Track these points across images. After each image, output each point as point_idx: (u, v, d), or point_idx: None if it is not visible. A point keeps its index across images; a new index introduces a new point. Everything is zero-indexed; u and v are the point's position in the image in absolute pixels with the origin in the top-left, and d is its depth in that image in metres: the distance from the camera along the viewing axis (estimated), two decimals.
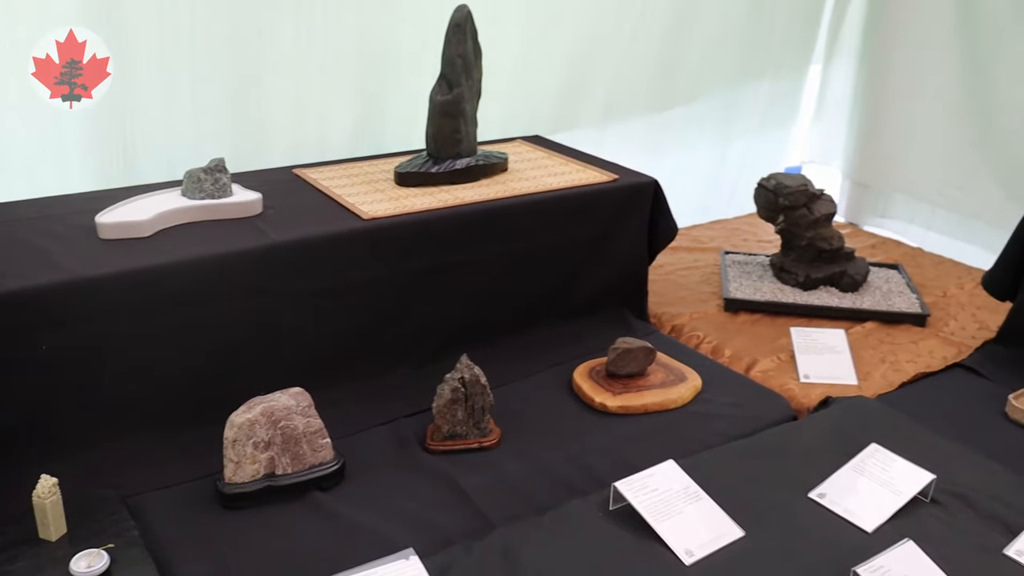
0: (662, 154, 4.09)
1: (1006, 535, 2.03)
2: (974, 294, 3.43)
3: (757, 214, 3.42)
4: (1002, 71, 3.85)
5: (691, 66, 4.00)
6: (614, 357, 2.59)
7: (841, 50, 4.56)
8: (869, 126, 4.41)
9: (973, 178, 4.03)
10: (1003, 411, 2.67)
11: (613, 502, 2.03)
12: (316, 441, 2.17)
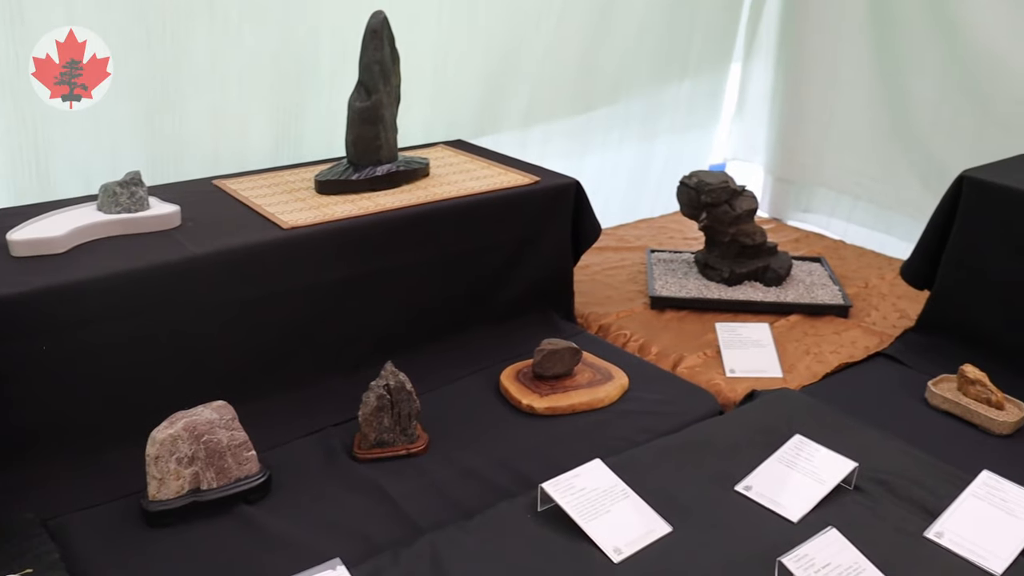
0: (586, 155, 4.11)
1: (926, 518, 2.06)
2: (895, 284, 3.49)
3: (681, 212, 3.44)
4: (914, 64, 3.93)
5: (612, 66, 4.02)
6: (540, 359, 2.59)
7: (759, 48, 4.62)
8: (789, 122, 4.48)
9: (891, 170, 4.11)
10: (923, 397, 2.72)
11: (541, 503, 2.03)
12: (241, 454, 2.14)
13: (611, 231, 4.03)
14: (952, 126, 3.84)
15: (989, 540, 1.99)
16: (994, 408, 2.62)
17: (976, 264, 2.95)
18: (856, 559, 1.85)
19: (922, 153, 3.96)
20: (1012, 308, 2.88)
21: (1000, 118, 3.67)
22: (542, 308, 3.06)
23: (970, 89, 3.75)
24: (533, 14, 3.61)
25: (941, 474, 2.23)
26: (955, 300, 3.02)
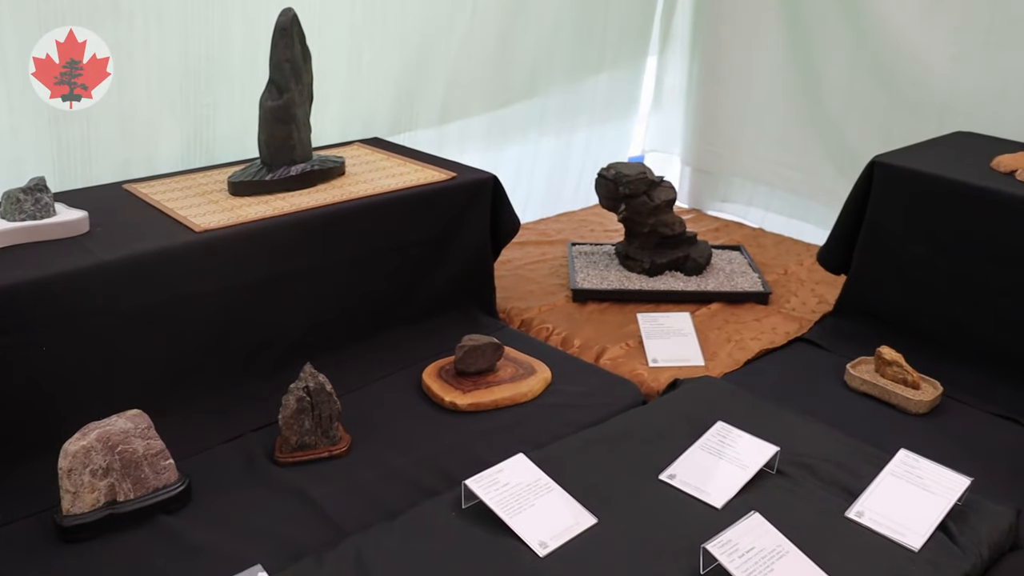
0: (505, 150, 4.10)
1: (847, 498, 2.09)
2: (813, 270, 3.54)
3: (600, 204, 3.45)
4: (825, 53, 3.98)
5: (528, 60, 4.01)
6: (462, 355, 2.58)
7: (674, 41, 4.64)
8: (705, 113, 4.51)
9: (806, 158, 4.16)
10: (842, 380, 2.76)
11: (465, 500, 2.01)
12: (158, 463, 2.09)
13: (532, 225, 4.03)
14: (863, 113, 3.90)
15: (907, 517, 2.02)
16: (910, 388, 2.67)
17: (889, 247, 3.00)
18: (779, 542, 1.86)
19: (835, 140, 4.02)
20: (925, 289, 2.93)
21: (909, 103, 3.74)
22: (463, 304, 3.04)
23: (880, 76, 3.81)
24: (446, 10, 3.58)
25: (860, 455, 2.27)
26: (870, 283, 3.07)
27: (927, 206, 2.91)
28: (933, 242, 2.90)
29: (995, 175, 2.92)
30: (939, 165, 2.97)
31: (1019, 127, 3.36)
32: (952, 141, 3.35)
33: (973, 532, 2.02)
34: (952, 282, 2.88)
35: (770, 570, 1.79)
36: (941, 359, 2.83)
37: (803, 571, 1.82)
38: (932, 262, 2.91)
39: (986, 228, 2.80)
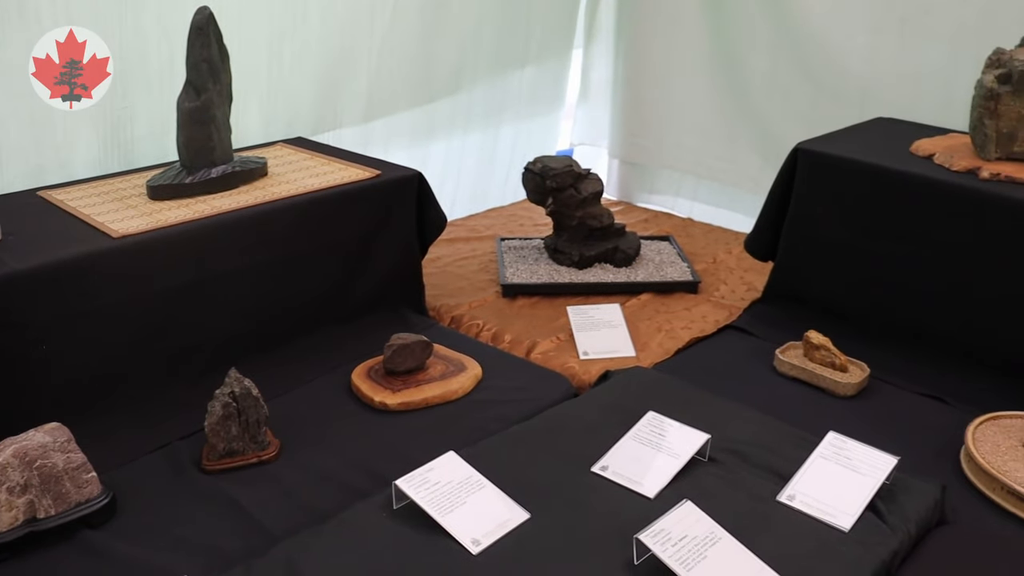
0: (431, 146, 4.07)
1: (778, 482, 2.11)
2: (742, 258, 3.56)
3: (528, 199, 3.44)
4: (748, 43, 4.01)
5: (452, 56, 3.99)
6: (390, 354, 2.55)
7: (599, 33, 4.64)
8: (631, 106, 4.51)
9: (731, 148, 4.19)
10: (772, 365, 2.78)
11: (396, 501, 1.99)
12: (80, 477, 2.03)
13: (461, 222, 4.01)
14: (786, 101, 3.94)
15: (837, 498, 2.04)
16: (838, 371, 2.70)
17: (814, 233, 3.03)
18: (712, 529, 1.87)
19: (760, 129, 4.05)
20: (849, 273, 2.97)
21: (830, 91, 3.78)
22: (392, 303, 3.01)
23: (801, 65, 3.85)
24: (367, 6, 3.54)
25: (791, 439, 2.28)
26: (797, 269, 3.10)
27: (850, 191, 2.95)
28: (856, 226, 2.94)
29: (914, 159, 2.97)
30: (860, 151, 3.01)
31: (937, 112, 3.41)
32: (873, 127, 3.39)
33: (901, 510, 2.04)
34: (876, 265, 2.92)
35: (703, 557, 1.79)
36: (868, 342, 2.87)
37: (736, 556, 1.83)
38: (856, 246, 2.95)
39: (907, 211, 2.85)
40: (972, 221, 2.74)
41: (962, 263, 2.77)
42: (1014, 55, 2.79)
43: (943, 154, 2.93)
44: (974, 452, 2.31)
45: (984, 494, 2.25)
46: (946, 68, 3.42)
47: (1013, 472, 2.25)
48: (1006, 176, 2.76)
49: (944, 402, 2.66)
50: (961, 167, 2.84)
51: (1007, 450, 2.35)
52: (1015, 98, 2.79)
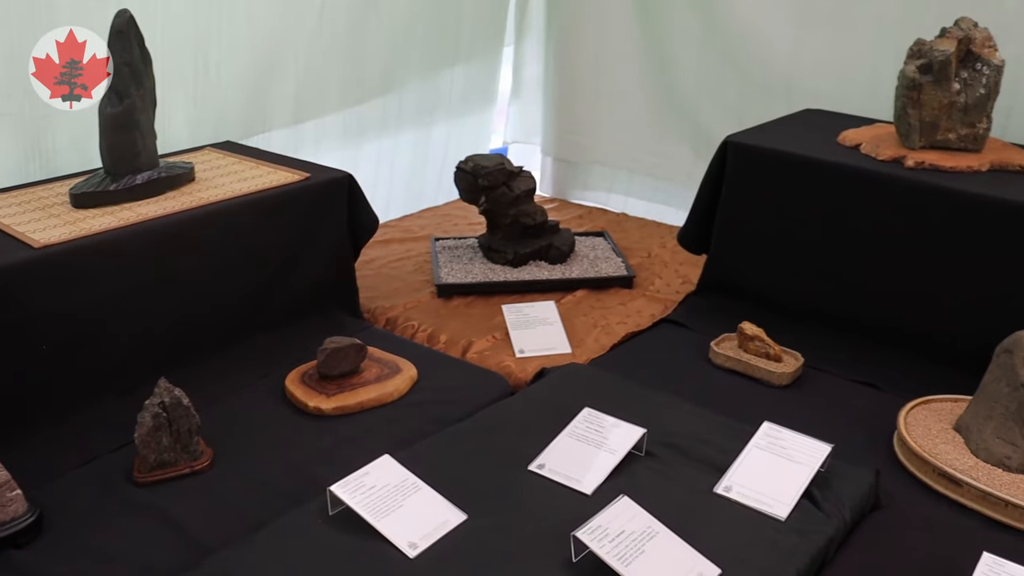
0: (363, 147, 4.03)
1: (715, 474, 2.11)
2: (676, 251, 3.57)
3: (460, 198, 3.42)
4: (677, 37, 4.02)
5: (382, 56, 3.95)
6: (324, 358, 2.52)
7: (530, 30, 4.64)
8: (562, 103, 4.51)
9: (663, 142, 4.20)
10: (707, 358, 2.79)
11: (332, 507, 1.96)
12: (3, 495, 1.97)
13: (395, 222, 3.99)
14: (716, 95, 3.96)
15: (773, 487, 2.05)
16: (773, 361, 2.72)
17: (745, 225, 3.06)
18: (649, 523, 1.87)
19: (690, 123, 4.07)
20: (781, 264, 3.00)
21: (758, 84, 3.81)
22: (326, 307, 2.98)
23: (729, 59, 3.88)
24: (294, 6, 3.50)
25: (727, 430, 2.29)
26: (729, 261, 3.12)
27: (779, 182, 2.97)
28: (786, 217, 2.97)
29: (841, 149, 3.00)
30: (788, 142, 3.04)
31: (862, 103, 3.46)
32: (800, 118, 3.43)
33: (836, 497, 2.06)
34: (807, 255, 2.96)
35: (641, 552, 1.79)
36: (802, 331, 2.90)
37: (673, 549, 1.83)
38: (787, 236, 2.98)
39: (835, 201, 2.88)
40: (898, 209, 2.78)
41: (890, 251, 2.81)
42: (934, 46, 2.83)
43: (869, 144, 2.97)
44: (906, 436, 2.35)
45: (917, 477, 2.29)
46: (870, 59, 3.47)
47: (944, 455, 2.29)
48: (930, 164, 2.81)
49: (877, 388, 2.69)
50: (887, 156, 2.88)
51: (938, 433, 2.39)
52: (936, 87, 2.84)
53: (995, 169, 2.85)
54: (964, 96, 2.86)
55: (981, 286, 2.69)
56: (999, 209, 2.64)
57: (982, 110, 2.88)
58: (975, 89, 2.85)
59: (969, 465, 2.25)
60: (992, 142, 2.99)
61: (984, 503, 2.17)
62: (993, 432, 2.29)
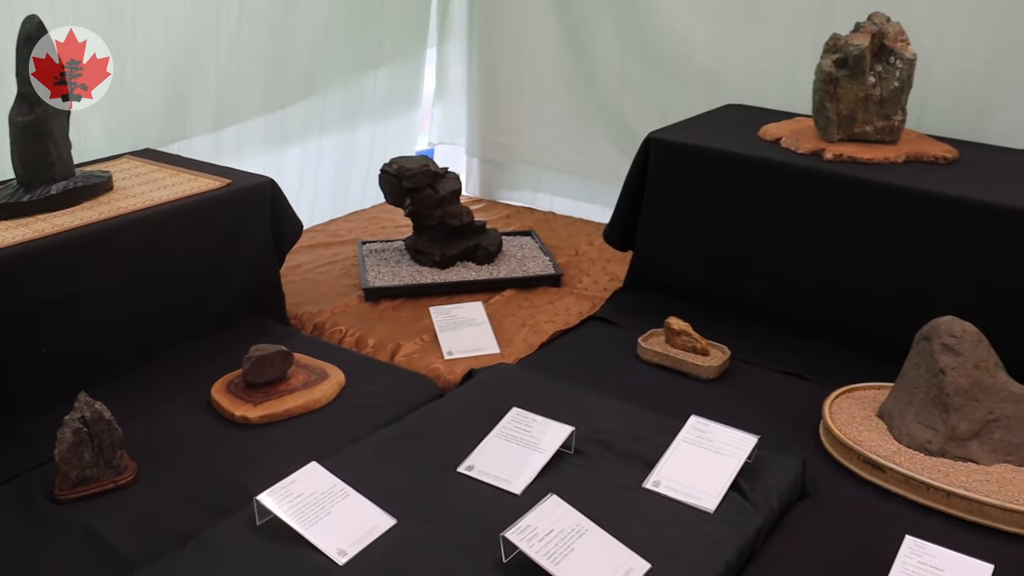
0: (287, 152, 3.99)
1: (643, 470, 2.13)
2: (604, 249, 3.58)
3: (386, 201, 3.40)
4: (598, 36, 4.03)
5: (303, 59, 3.91)
6: (249, 366, 2.49)
7: (452, 31, 4.62)
8: (487, 103, 4.50)
9: (588, 141, 4.21)
10: (636, 354, 2.81)
11: (259, 516, 1.93)
12: None
13: (322, 227, 3.95)
14: (638, 92, 3.99)
15: (701, 480, 2.07)
16: (700, 355, 2.74)
17: (669, 221, 3.08)
18: (578, 521, 1.87)
19: (614, 121, 4.08)
20: (706, 258, 3.04)
21: (680, 81, 3.84)
22: (251, 314, 2.93)
23: (650, 56, 3.90)
24: (211, 10, 3.45)
25: (655, 425, 2.30)
26: (656, 257, 3.14)
27: (701, 177, 3.00)
28: (710, 212, 3.01)
29: (762, 144, 3.04)
30: (710, 137, 3.07)
31: (782, 98, 3.51)
32: (722, 114, 3.46)
33: (763, 487, 2.09)
34: (731, 249, 2.99)
35: (570, 549, 1.79)
36: (728, 324, 2.94)
37: (603, 546, 1.83)
38: (711, 231, 3.01)
39: (756, 194, 2.92)
40: (818, 201, 2.83)
41: (812, 242, 2.86)
42: (849, 40, 2.88)
43: (789, 137, 3.01)
44: (831, 425, 2.38)
45: (842, 464, 2.33)
46: (789, 55, 3.51)
47: (868, 441, 2.33)
48: (848, 156, 2.86)
49: (803, 378, 2.73)
50: (806, 149, 2.92)
51: (862, 420, 2.43)
52: (852, 81, 2.89)
53: (911, 160, 2.91)
54: (879, 89, 2.91)
55: (901, 275, 2.74)
56: (915, 199, 2.70)
57: (897, 103, 2.94)
58: (889, 82, 2.91)
59: (892, 451, 2.29)
60: (907, 134, 3.06)
61: (907, 487, 2.21)
62: (914, 418, 2.34)
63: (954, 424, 2.28)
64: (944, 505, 2.16)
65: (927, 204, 2.69)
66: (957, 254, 2.65)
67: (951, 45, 3.24)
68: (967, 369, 2.29)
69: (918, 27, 3.04)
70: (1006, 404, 2.29)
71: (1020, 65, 3.16)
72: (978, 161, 2.94)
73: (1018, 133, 3.17)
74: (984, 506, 2.12)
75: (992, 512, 2.11)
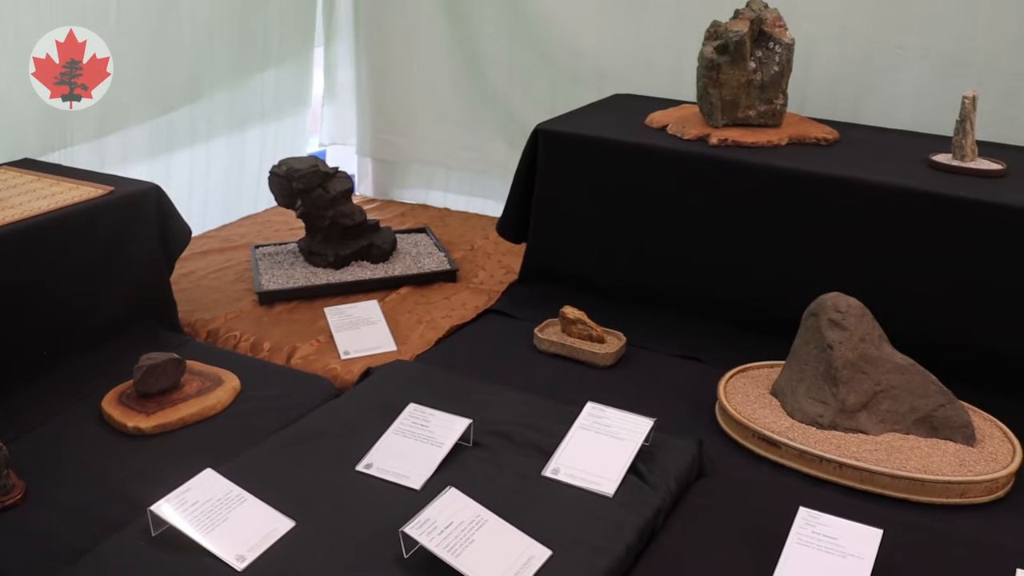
0: (175, 157, 3.91)
1: (542, 458, 2.14)
2: (499, 243, 3.60)
3: (277, 203, 3.36)
4: (486, 31, 4.04)
5: (186, 61, 3.84)
6: (140, 376, 2.43)
7: (340, 30, 4.57)
8: (376, 102, 4.46)
9: (478, 136, 4.22)
10: (533, 344, 2.82)
11: (154, 527, 1.89)
12: None
13: (214, 233, 3.88)
14: (527, 86, 4.01)
15: (599, 466, 2.09)
16: (596, 343, 2.77)
17: (560, 211, 3.11)
18: (478, 512, 1.87)
19: (504, 116, 4.10)
20: (598, 247, 3.07)
21: (568, 73, 3.87)
22: (142, 323, 2.86)
23: (538, 49, 3.93)
24: (89, 14, 3.35)
25: (552, 414, 2.32)
26: (549, 248, 3.17)
27: (590, 166, 3.03)
28: (600, 200, 3.04)
29: (649, 131, 3.08)
30: (597, 127, 3.10)
31: (669, 86, 3.57)
32: (609, 104, 3.50)
33: (661, 469, 2.12)
34: (622, 236, 3.03)
35: (470, 541, 1.79)
36: (624, 311, 2.98)
37: (503, 535, 1.84)
38: (602, 219, 3.04)
39: (645, 181, 2.96)
40: (705, 186, 2.88)
41: (701, 226, 2.91)
42: (729, 27, 2.94)
43: (675, 124, 3.06)
44: (726, 404, 2.43)
45: (738, 443, 2.37)
46: (674, 43, 3.57)
47: (762, 419, 2.37)
48: (732, 141, 2.91)
49: (699, 361, 2.77)
50: (692, 135, 2.97)
51: (756, 398, 2.48)
52: (733, 67, 2.94)
53: (794, 143, 2.98)
54: (760, 74, 2.97)
55: (789, 254, 2.81)
56: (798, 180, 2.76)
57: (778, 87, 3.01)
58: (769, 67, 2.97)
59: (785, 426, 2.35)
60: (790, 117, 3.13)
61: (801, 461, 2.27)
62: (806, 393, 2.39)
63: (843, 397, 2.34)
64: (837, 476, 2.22)
65: (810, 185, 2.76)
66: (840, 232, 2.73)
67: (829, 31, 3.33)
68: (853, 343, 2.36)
69: (796, 13, 3.13)
70: (891, 375, 2.36)
71: (893, 49, 3.27)
72: (857, 141, 3.04)
73: (893, 113, 3.28)
74: (874, 474, 2.19)
75: (881, 480, 2.18)
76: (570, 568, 1.82)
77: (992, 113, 3.05)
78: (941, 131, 3.00)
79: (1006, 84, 3.14)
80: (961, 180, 2.68)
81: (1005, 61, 3.13)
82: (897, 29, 3.25)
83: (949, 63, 3.20)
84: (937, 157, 2.81)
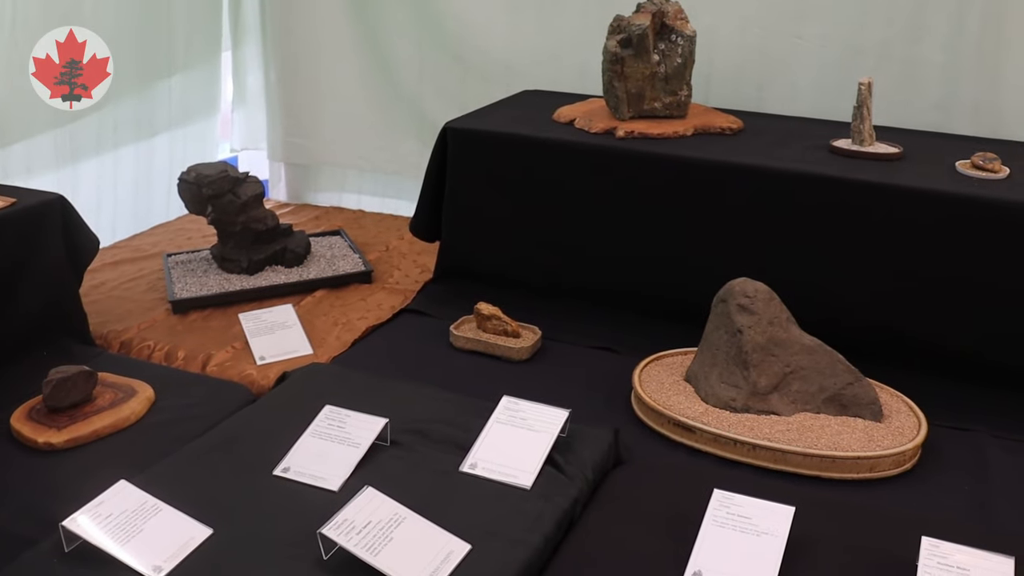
0: (81, 166, 3.84)
1: (459, 454, 2.15)
2: (414, 242, 3.60)
3: (187, 210, 3.32)
4: (395, 31, 4.03)
5: None
6: (50, 390, 2.38)
7: (247, 34, 4.52)
8: (286, 107, 4.42)
9: (389, 137, 4.21)
10: (449, 342, 2.83)
11: (67, 543, 1.86)
12: None
13: (124, 243, 3.82)
14: (438, 85, 4.01)
15: (516, 459, 2.11)
16: (511, 337, 2.79)
17: (472, 208, 3.13)
18: (395, 510, 1.88)
19: (415, 116, 4.09)
20: (511, 242, 3.10)
21: (478, 71, 3.89)
22: (51, 337, 2.80)
23: (447, 49, 3.93)
24: None
25: (469, 409, 2.33)
26: (462, 245, 3.18)
27: (499, 162, 3.06)
28: (510, 196, 3.07)
29: (557, 126, 3.12)
30: (506, 123, 3.12)
31: (575, 81, 3.62)
32: (518, 100, 3.53)
33: (577, 459, 2.15)
34: (534, 230, 3.06)
35: (389, 539, 1.80)
36: (539, 305, 3.01)
37: (422, 532, 1.85)
38: (513, 215, 3.07)
39: (554, 175, 2.99)
40: (613, 177, 2.92)
41: (612, 218, 2.95)
42: (631, 20, 2.98)
43: (583, 118, 3.09)
44: (641, 392, 2.47)
45: (654, 430, 2.42)
46: (580, 39, 3.60)
47: (677, 405, 2.42)
48: (639, 133, 2.96)
49: (614, 351, 2.81)
50: (599, 129, 3.01)
51: (670, 386, 2.52)
52: (637, 60, 2.98)
53: (699, 132, 3.04)
54: (664, 67, 3.02)
55: (698, 242, 2.87)
56: (705, 169, 2.82)
57: (681, 78, 3.06)
58: (672, 59, 3.02)
59: (699, 412, 2.39)
60: (695, 107, 3.19)
61: (715, 445, 2.32)
62: (718, 378, 2.44)
63: (754, 380, 2.39)
64: (750, 457, 2.28)
65: (716, 173, 2.81)
66: (748, 218, 2.79)
67: (729, 22, 3.40)
68: (762, 326, 2.41)
69: (697, 6, 3.18)
70: (800, 356, 2.42)
71: (792, 39, 3.34)
72: (761, 130, 3.11)
73: (794, 101, 3.37)
74: (786, 454, 2.25)
75: (794, 459, 2.24)
76: (489, 561, 1.83)
77: (888, 99, 3.13)
78: (841, 117, 3.09)
79: (900, 70, 3.23)
80: (860, 164, 2.76)
81: (899, 48, 3.22)
82: (795, 19, 3.33)
83: (846, 51, 3.29)
84: (838, 143, 2.89)
